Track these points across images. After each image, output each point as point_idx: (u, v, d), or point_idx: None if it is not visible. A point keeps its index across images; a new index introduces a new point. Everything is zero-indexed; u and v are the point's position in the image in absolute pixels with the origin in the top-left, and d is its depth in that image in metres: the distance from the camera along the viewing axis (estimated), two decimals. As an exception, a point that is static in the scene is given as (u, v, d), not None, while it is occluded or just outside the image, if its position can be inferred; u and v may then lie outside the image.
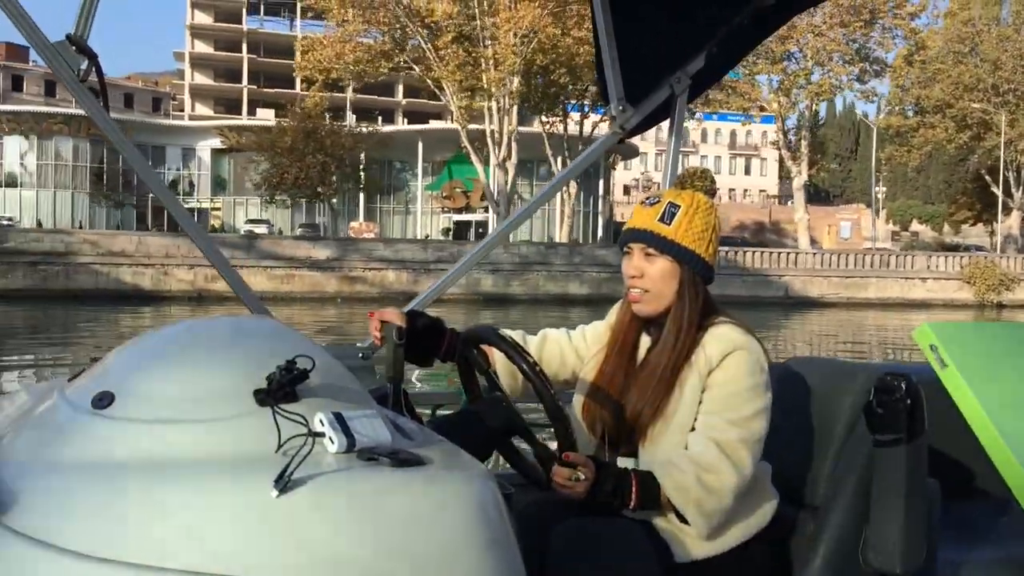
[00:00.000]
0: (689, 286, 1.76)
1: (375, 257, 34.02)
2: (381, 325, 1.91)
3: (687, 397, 1.73)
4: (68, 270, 31.11)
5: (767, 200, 78.77)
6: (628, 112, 2.56)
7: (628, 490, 1.64)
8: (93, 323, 26.95)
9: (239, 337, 1.41)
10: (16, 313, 29.49)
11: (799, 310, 35.77)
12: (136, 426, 1.19)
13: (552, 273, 34.66)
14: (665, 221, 1.75)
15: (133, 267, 31.09)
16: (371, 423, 1.24)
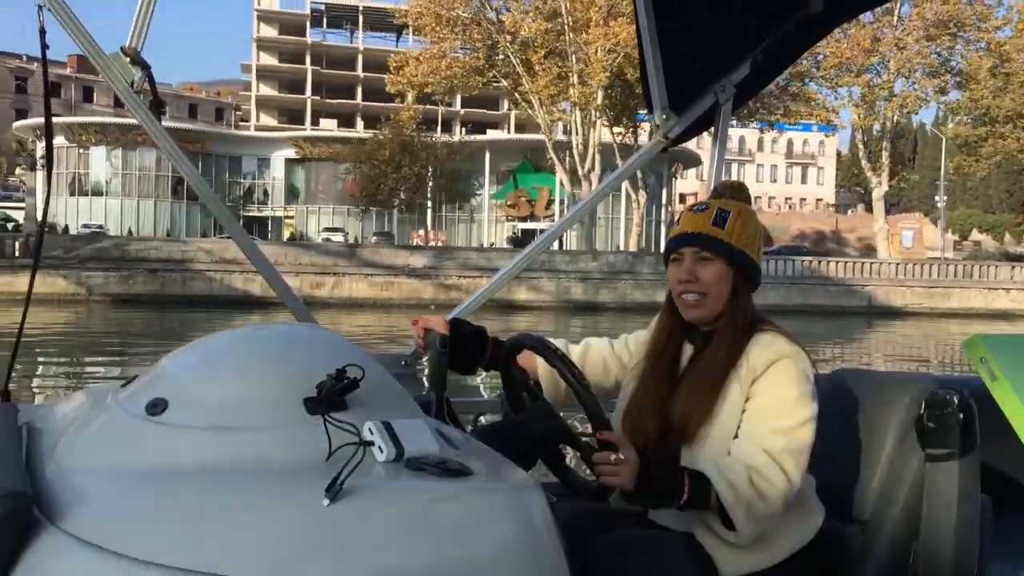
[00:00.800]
0: (741, 289, 1.76)
1: (469, 265, 35.16)
2: (425, 333, 1.92)
3: (731, 405, 1.70)
4: (185, 276, 32.73)
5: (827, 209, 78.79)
6: (672, 120, 2.54)
7: (680, 482, 1.59)
8: (207, 327, 28.39)
9: (290, 345, 1.42)
10: (136, 316, 31.13)
11: (883, 320, 36.26)
12: (189, 433, 1.21)
13: (639, 282, 35.55)
14: (719, 224, 1.75)
15: (244, 274, 32.54)
16: (419, 432, 1.25)
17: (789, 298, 35.89)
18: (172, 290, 32.17)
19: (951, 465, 1.69)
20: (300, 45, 79.56)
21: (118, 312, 30.97)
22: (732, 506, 1.59)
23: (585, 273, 35.56)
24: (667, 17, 2.40)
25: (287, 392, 1.25)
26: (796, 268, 37.12)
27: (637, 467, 1.54)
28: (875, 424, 1.91)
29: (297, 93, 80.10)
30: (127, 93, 1.90)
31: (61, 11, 1.83)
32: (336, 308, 33.79)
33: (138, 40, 1.90)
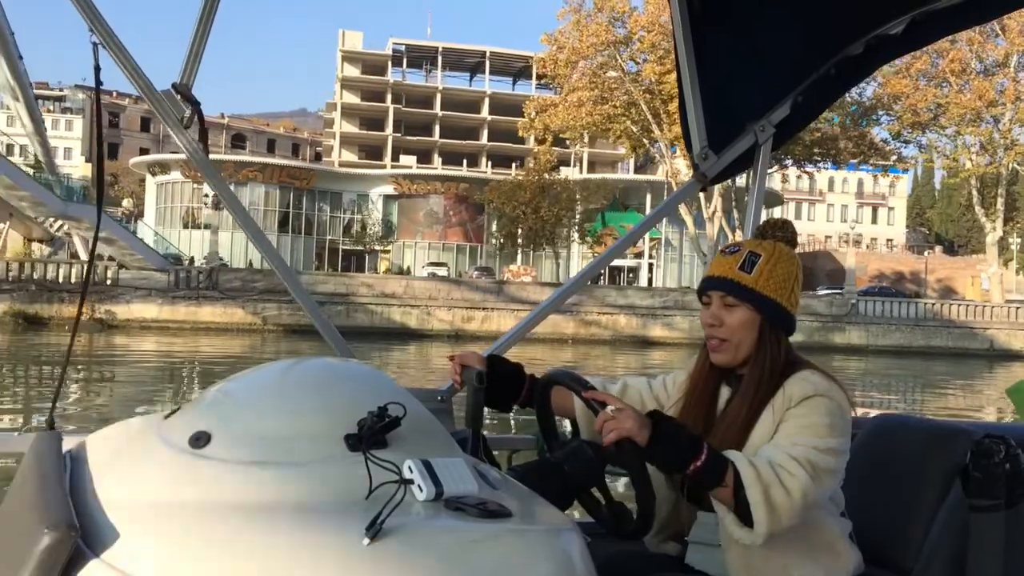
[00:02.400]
0: (769, 335, 1.73)
1: (607, 303, 37.01)
2: (462, 369, 1.92)
3: (759, 432, 1.69)
4: (348, 309, 34.83)
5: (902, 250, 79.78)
6: (711, 160, 2.54)
7: (698, 445, 1.56)
8: (368, 358, 30.37)
9: (332, 381, 1.44)
10: (303, 345, 33.19)
11: (1003, 362, 37.45)
12: (232, 467, 1.21)
13: (769, 321, 37.08)
14: (746, 269, 1.73)
15: (402, 307, 34.60)
16: (458, 471, 1.25)
17: (913, 340, 37.31)
18: (337, 321, 34.08)
19: (998, 516, 1.66)
20: (381, 84, 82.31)
21: (288, 341, 33.09)
22: (750, 485, 1.55)
23: (717, 312, 37.15)
24: (707, 56, 2.43)
25: (329, 428, 1.26)
26: (918, 310, 38.55)
27: (643, 419, 1.54)
28: (919, 472, 1.88)
29: (376, 130, 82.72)
30: (177, 128, 1.96)
31: (116, 49, 1.87)
32: (485, 340, 35.76)
33: (189, 77, 1.95)
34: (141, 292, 32.30)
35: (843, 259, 68.64)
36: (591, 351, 34.33)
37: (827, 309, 38.74)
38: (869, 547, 1.79)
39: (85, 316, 32.77)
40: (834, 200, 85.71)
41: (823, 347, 37.63)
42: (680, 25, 2.37)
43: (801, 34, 2.41)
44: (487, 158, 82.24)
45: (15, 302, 31.08)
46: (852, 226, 69.13)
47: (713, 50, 2.43)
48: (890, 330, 38.11)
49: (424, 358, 31.59)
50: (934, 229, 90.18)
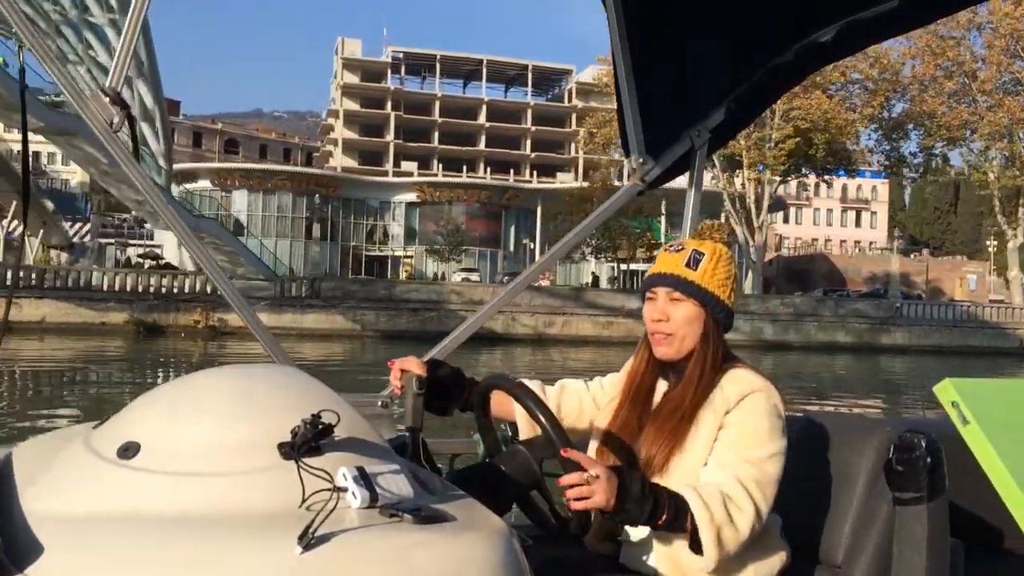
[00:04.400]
0: (712, 330, 1.79)
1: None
2: (401, 374, 1.92)
3: (703, 435, 1.73)
4: (440, 315, 36.58)
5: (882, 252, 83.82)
6: (649, 164, 2.58)
7: (660, 501, 1.59)
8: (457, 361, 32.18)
9: (265, 388, 1.41)
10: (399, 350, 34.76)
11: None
12: (161, 478, 1.19)
13: (822, 323, 39.92)
14: (691, 266, 1.79)
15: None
16: (394, 478, 1.25)
17: (952, 340, 40.47)
18: (430, 327, 36.02)
19: (920, 509, 1.71)
20: (381, 91, 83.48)
21: (386, 345, 34.71)
22: (703, 527, 1.60)
23: (775, 316, 39.90)
24: (643, 63, 2.45)
25: (261, 437, 1.24)
26: (956, 312, 41.80)
27: (612, 483, 1.54)
28: (845, 467, 1.93)
29: (376, 136, 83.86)
30: (105, 132, 1.90)
31: (42, 52, 1.86)
32: (565, 344, 37.78)
33: (118, 81, 1.91)
34: (250, 301, 33.47)
35: (837, 262, 72.40)
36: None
37: (875, 312, 41.78)
38: (798, 541, 1.84)
39: (201, 324, 33.99)
40: (820, 204, 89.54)
41: (871, 347, 40.60)
42: (616, 32, 2.39)
43: (734, 42, 2.47)
44: (485, 164, 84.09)
45: (135, 312, 32.14)
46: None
47: (649, 57, 2.45)
48: (931, 331, 41.29)
49: (510, 360, 33.48)
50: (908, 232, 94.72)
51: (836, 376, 31.11)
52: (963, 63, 42.67)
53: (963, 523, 1.88)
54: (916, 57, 43.31)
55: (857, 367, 34.84)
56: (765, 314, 40.08)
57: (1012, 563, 2.03)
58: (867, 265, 74.99)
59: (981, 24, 42.91)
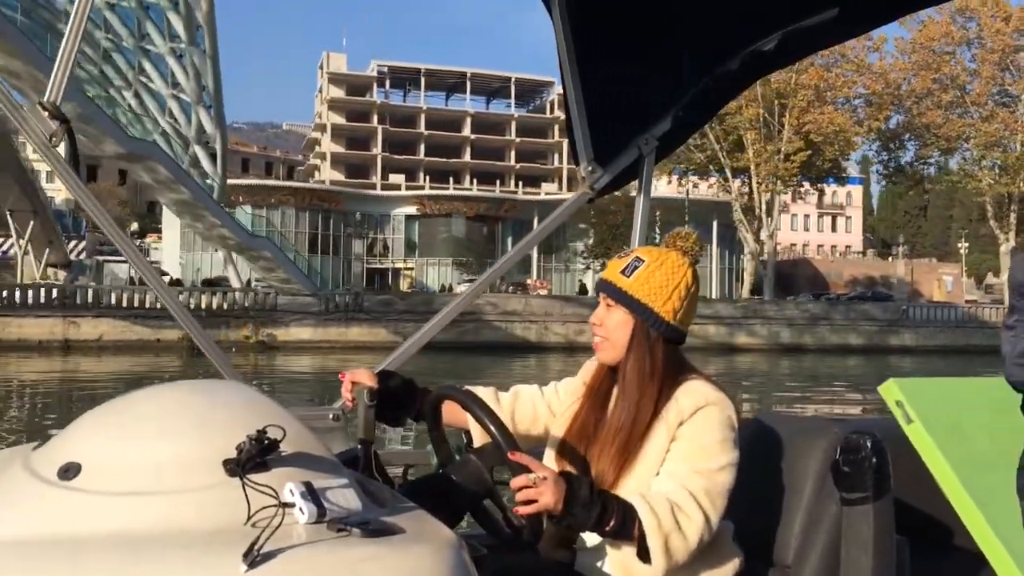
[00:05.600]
0: (640, 339, 1.77)
1: (698, 314, 40.82)
2: (353, 386, 1.91)
3: (654, 447, 1.73)
4: (477, 326, 37.68)
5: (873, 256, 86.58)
6: (598, 173, 2.58)
7: (609, 507, 1.61)
8: (494, 368, 33.48)
9: (209, 404, 1.39)
10: (439, 360, 35.77)
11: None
12: (103, 499, 1.18)
13: (834, 327, 41.86)
14: (626, 273, 1.79)
15: (523, 323, 37.70)
16: (343, 492, 1.25)
17: (956, 340, 42.65)
18: (467, 338, 37.15)
19: (866, 508, 1.73)
20: (367, 105, 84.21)
21: (427, 357, 35.63)
22: (651, 534, 1.61)
23: (791, 320, 41.73)
24: (590, 72, 2.46)
25: (205, 454, 1.23)
26: (958, 314, 44.10)
27: (561, 486, 1.56)
28: (794, 469, 1.95)
29: (361, 149, 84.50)
30: (44, 146, 1.88)
31: None
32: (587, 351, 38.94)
33: (57, 94, 1.90)
34: (297, 315, 34.40)
35: (820, 266, 74.90)
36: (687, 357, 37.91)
37: (883, 315, 43.89)
38: (749, 544, 1.85)
39: (251, 339, 34.69)
40: (796, 210, 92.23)
41: (880, 349, 42.61)
42: (562, 41, 2.40)
43: (679, 50, 2.48)
44: (471, 175, 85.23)
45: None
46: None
47: (596, 65, 2.47)
48: (936, 332, 43.55)
49: (543, 369, 34.72)
50: (879, 235, 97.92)
51: (850, 376, 32.83)
52: (956, 76, 45.13)
53: (909, 520, 1.90)
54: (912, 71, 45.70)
55: (868, 368, 36.68)
56: (781, 318, 41.91)
57: (956, 558, 2.05)
58: (848, 269, 77.48)
59: (971, 40, 45.44)
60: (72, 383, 24.78)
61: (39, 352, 30.77)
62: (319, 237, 61.26)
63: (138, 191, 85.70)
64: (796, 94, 42.40)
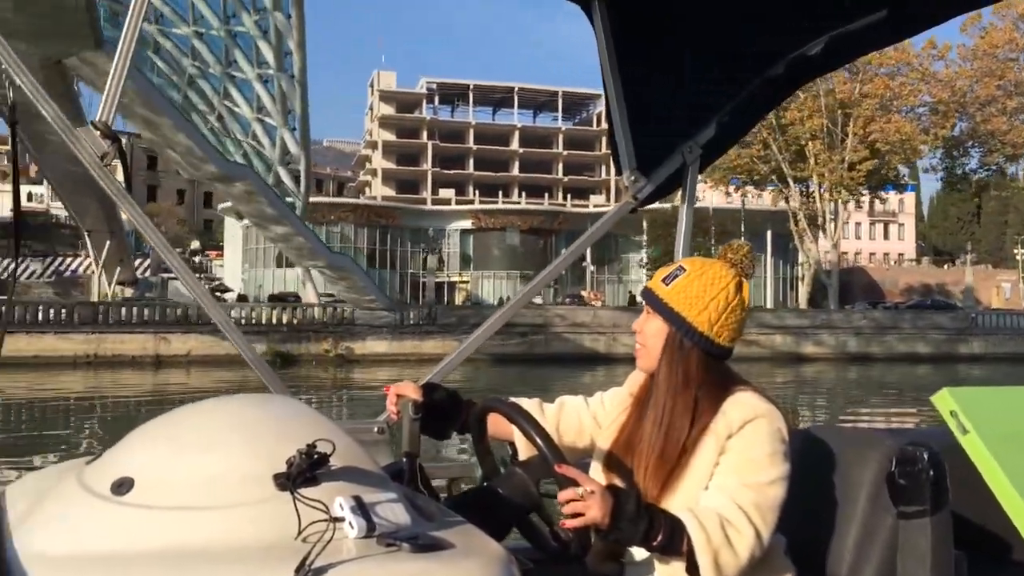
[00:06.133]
0: (673, 348, 1.74)
1: (764, 323, 41.16)
2: (397, 399, 1.91)
3: (703, 460, 1.69)
4: (547, 338, 38.26)
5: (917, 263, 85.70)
6: (641, 182, 2.54)
7: (656, 521, 1.58)
8: (564, 380, 33.92)
9: (259, 419, 1.40)
10: (510, 372, 36.40)
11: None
12: (156, 513, 1.19)
13: (902, 335, 41.72)
14: (666, 282, 1.77)
15: (591, 335, 38.16)
16: (391, 506, 1.26)
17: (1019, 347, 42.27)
18: (537, 350, 37.75)
19: (923, 522, 1.69)
20: (416, 121, 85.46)
21: (499, 368, 36.32)
22: (700, 550, 1.58)
23: (858, 328, 41.69)
24: (633, 79, 2.44)
25: (256, 469, 1.24)
26: (1012, 321, 43.74)
27: (608, 500, 1.54)
28: (847, 482, 1.90)
29: (411, 165, 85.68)
30: (96, 165, 1.90)
31: (31, 86, 1.86)
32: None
33: (108, 114, 1.92)
34: (374, 329, 35.27)
35: (874, 274, 74.30)
36: (751, 368, 38.27)
37: (951, 323, 43.68)
38: (802, 559, 1.81)
39: (331, 352, 35.63)
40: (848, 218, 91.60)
41: (950, 357, 42.37)
42: (604, 49, 2.39)
43: (724, 56, 2.45)
44: (519, 188, 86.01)
45: (272, 343, 33.76)
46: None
47: (638, 73, 2.45)
48: (1005, 340, 43.18)
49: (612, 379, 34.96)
50: (931, 242, 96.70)
51: (919, 385, 32.80)
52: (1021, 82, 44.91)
53: (966, 534, 1.85)
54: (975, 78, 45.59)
55: (937, 376, 36.55)
56: (848, 328, 41.89)
57: (1015, 572, 2.00)
58: (903, 277, 76.71)
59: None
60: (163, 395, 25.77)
61: (132, 367, 31.95)
62: (376, 252, 62.50)
63: (195, 210, 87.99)
64: (861, 103, 42.58)
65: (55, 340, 31.43)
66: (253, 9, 32.09)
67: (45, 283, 58.32)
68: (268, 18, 31.47)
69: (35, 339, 31.08)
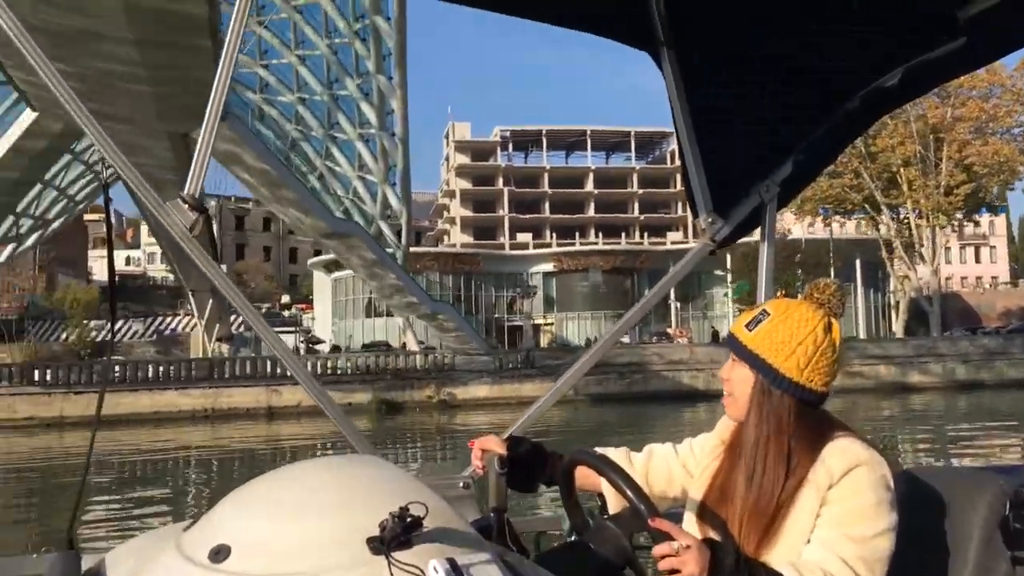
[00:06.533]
0: (761, 396, 1.67)
1: (867, 354, 40.37)
2: (482, 454, 1.91)
3: (803, 512, 1.61)
4: (646, 376, 38.23)
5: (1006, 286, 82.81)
6: (718, 223, 2.47)
7: (757, 574, 1.53)
8: (664, 418, 33.64)
9: (349, 482, 1.42)
10: (610, 412, 36.45)
11: None
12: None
13: (1013, 361, 40.37)
14: (750, 327, 1.70)
15: (689, 372, 37.94)
16: (485, 568, 1.24)
17: None
18: (636, 388, 37.72)
19: None
20: (492, 169, 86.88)
21: (598, 409, 36.38)
22: None
23: (965, 356, 40.51)
24: (705, 122, 2.41)
25: (350, 533, 1.25)
26: None
27: (705, 555, 1.49)
28: (958, 527, 1.79)
29: (487, 212, 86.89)
30: (185, 237, 1.95)
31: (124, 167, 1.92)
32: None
33: (196, 187, 1.96)
34: (474, 374, 35.82)
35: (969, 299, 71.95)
36: (858, 400, 37.43)
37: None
38: None
39: (433, 399, 36.30)
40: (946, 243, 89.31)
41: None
42: (674, 93, 2.35)
43: (799, 92, 2.41)
44: (595, 229, 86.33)
45: (377, 391, 34.60)
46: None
47: (711, 115, 2.42)
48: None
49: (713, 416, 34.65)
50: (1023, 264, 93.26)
51: None
52: None
53: None
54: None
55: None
56: (955, 355, 40.76)
57: None
58: (1000, 300, 74.16)
59: None
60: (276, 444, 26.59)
61: (247, 419, 33.08)
62: (461, 297, 63.53)
63: (280, 266, 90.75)
64: (954, 127, 41.94)
65: (175, 396, 32.80)
66: (356, 73, 33.52)
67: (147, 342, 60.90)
68: (371, 81, 32.81)
69: (157, 395, 32.51)
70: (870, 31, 2.21)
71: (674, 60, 2.32)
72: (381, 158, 34.27)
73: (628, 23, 2.29)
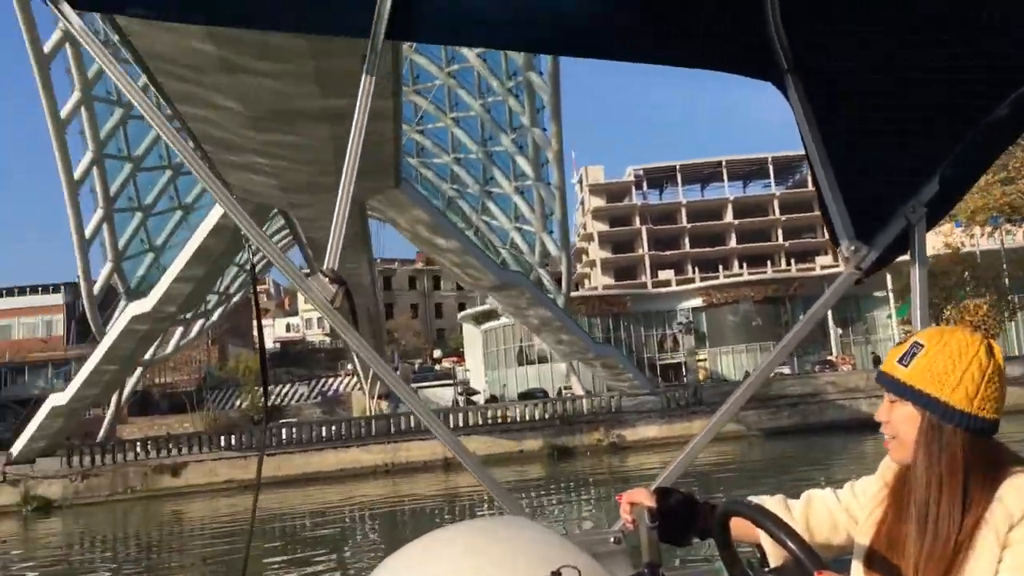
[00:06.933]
0: (930, 435, 1.56)
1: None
2: (631, 507, 1.86)
3: (982, 557, 1.49)
4: (821, 407, 36.89)
5: None
6: (862, 251, 2.36)
7: None
8: (845, 449, 31.92)
9: (503, 546, 1.44)
10: (784, 446, 35.28)
11: None
12: None
13: None
14: (904, 362, 1.59)
15: (868, 399, 36.25)
16: None
17: None
18: (811, 419, 36.38)
19: None
20: (628, 209, 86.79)
21: (770, 443, 35.25)
22: None
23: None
24: (840, 146, 2.30)
25: None
26: None
27: None
28: None
29: (627, 251, 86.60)
30: (327, 309, 2.00)
31: (267, 246, 1.99)
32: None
33: (334, 261, 2.02)
34: (642, 415, 35.56)
35: None
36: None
37: None
38: None
39: (603, 442, 36.27)
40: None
41: None
42: (804, 120, 2.25)
43: (939, 106, 2.26)
44: (739, 260, 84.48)
45: (547, 437, 34.90)
46: None
47: (845, 138, 2.30)
48: None
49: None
50: None
51: None
52: None
53: None
54: None
55: None
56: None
57: None
58: None
59: None
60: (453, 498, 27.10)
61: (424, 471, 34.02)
62: (611, 339, 63.47)
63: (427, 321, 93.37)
64: None
65: (359, 452, 34.18)
66: (510, 129, 34.63)
67: (313, 403, 63.86)
68: (526, 134, 33.71)
69: (341, 453, 33.95)
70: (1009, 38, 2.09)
71: (800, 87, 2.25)
72: (538, 207, 35.06)
73: (749, 56, 2.23)
